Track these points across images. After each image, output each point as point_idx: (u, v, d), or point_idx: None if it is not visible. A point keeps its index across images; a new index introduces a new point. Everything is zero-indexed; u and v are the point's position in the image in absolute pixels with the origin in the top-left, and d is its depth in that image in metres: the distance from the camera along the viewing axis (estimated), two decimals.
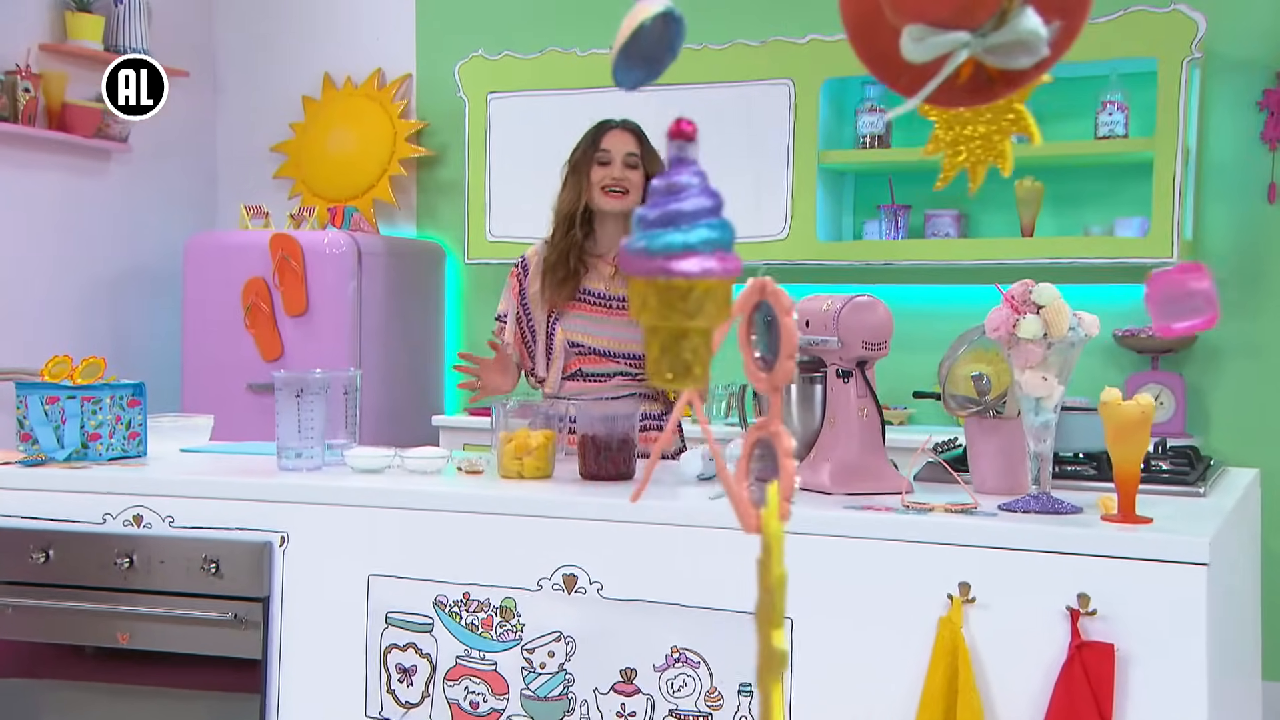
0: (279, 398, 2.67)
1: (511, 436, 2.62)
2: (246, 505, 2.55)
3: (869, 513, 2.18)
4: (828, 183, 4.57)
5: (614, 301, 3.12)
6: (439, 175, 5.35)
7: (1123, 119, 4.14)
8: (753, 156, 4.48)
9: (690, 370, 0.88)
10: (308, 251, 4.73)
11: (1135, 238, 4.12)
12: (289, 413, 2.66)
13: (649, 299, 0.87)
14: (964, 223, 4.52)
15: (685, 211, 0.87)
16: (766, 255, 4.49)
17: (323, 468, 2.70)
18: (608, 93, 4.58)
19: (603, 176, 3.06)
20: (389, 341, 4.94)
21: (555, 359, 3.10)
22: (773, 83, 4.47)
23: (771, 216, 4.47)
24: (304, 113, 5.50)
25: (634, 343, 3.10)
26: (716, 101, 4.51)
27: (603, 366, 3.10)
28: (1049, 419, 2.16)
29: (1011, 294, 2.18)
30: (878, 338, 2.45)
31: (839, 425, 2.47)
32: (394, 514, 2.48)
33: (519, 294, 3.17)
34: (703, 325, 0.87)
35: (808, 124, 4.43)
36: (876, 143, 4.44)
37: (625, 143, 3.09)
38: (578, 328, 3.10)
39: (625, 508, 2.34)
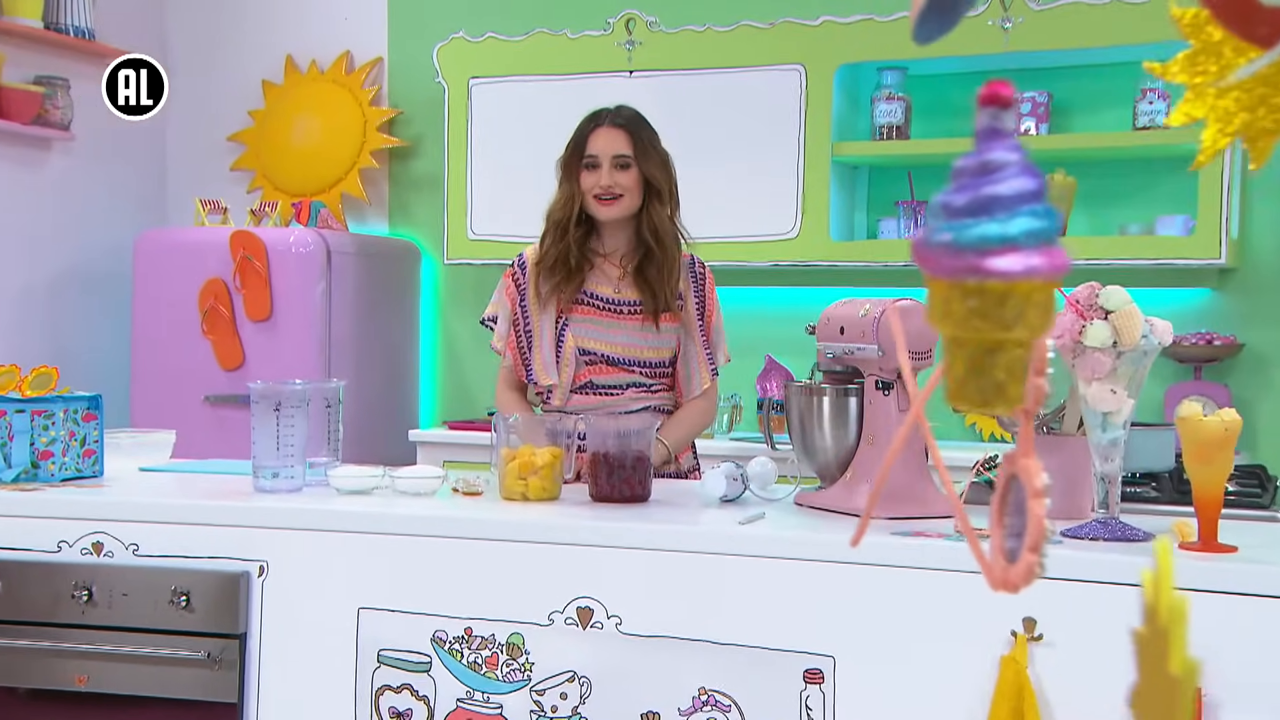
0: (255, 412, 2.60)
1: (515, 454, 2.56)
2: (220, 531, 2.49)
3: (920, 540, 2.12)
4: (841, 177, 4.53)
5: (623, 306, 3.05)
6: (414, 168, 5.29)
7: (1164, 108, 4.11)
8: (760, 149, 4.44)
9: (1005, 392, 0.77)
10: (272, 250, 4.66)
11: (1179, 237, 4.10)
12: (266, 428, 2.60)
13: (953, 305, 0.76)
14: None
15: (1003, 196, 0.75)
16: (776, 256, 4.45)
17: (303, 489, 2.64)
18: (601, 78, 4.56)
19: (591, 185, 3.00)
20: (361, 349, 4.88)
21: (564, 367, 3.03)
22: (782, 68, 4.43)
23: (781, 214, 4.43)
24: (264, 99, 5.44)
25: (649, 349, 3.04)
26: (721, 88, 4.48)
27: (615, 377, 3.04)
28: (1118, 436, 2.11)
29: (1075, 297, 2.13)
30: (922, 346, 2.41)
31: (879, 442, 2.42)
32: (386, 540, 2.42)
33: (516, 296, 3.10)
34: (1022, 336, 0.75)
35: (820, 113, 4.39)
36: (894, 134, 4.40)
37: (614, 142, 3.02)
38: (586, 333, 3.04)
39: (646, 533, 2.29)
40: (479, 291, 5.14)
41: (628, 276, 3.06)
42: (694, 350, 3.09)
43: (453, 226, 4.82)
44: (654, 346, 3.04)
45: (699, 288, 3.11)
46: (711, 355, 3.12)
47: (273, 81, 5.43)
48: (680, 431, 3.07)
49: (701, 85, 4.49)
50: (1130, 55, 4.19)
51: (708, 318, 3.11)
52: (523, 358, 3.10)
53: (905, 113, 4.41)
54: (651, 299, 3.02)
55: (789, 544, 2.20)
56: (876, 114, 4.43)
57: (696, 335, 3.09)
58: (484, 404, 5.01)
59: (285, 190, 5.34)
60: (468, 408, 5.13)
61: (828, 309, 2.60)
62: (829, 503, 2.46)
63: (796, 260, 4.42)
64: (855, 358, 2.47)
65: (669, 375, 3.10)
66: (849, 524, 2.31)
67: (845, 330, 2.49)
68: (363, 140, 5.26)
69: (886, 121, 4.41)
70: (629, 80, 4.56)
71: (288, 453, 2.60)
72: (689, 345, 3.09)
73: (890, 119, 4.40)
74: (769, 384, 4.79)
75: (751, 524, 2.30)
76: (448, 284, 5.24)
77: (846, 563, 2.14)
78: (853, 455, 2.49)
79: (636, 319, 3.04)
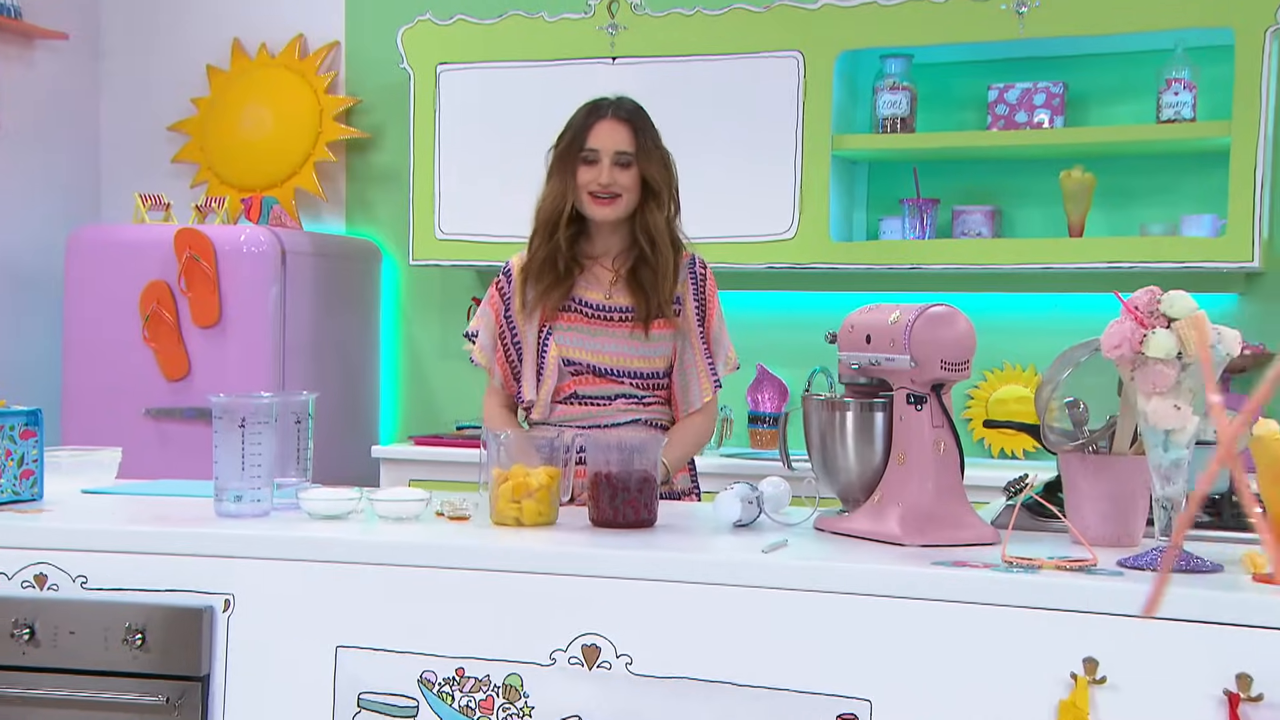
0: (218, 428, 2.51)
1: (507, 475, 2.48)
2: (179, 561, 2.40)
3: (964, 570, 2.05)
4: (841, 173, 4.47)
5: (614, 312, 2.98)
6: (373, 162, 5.22)
7: (1190, 99, 4.09)
8: (754, 143, 4.38)
9: None
10: (221, 250, 4.57)
11: (1207, 238, 4.07)
12: (230, 446, 2.51)
13: None
14: (998, 220, 4.44)
15: None
16: (771, 258, 4.38)
17: (271, 513, 2.55)
18: (581, 65, 4.49)
19: (589, 180, 2.93)
20: (318, 358, 4.80)
21: (546, 379, 2.96)
22: (778, 55, 4.38)
23: (777, 213, 4.38)
24: (209, 86, 5.38)
25: (638, 358, 2.97)
26: (711, 77, 4.42)
27: (602, 387, 2.96)
28: (1181, 456, 2.05)
29: (1135, 304, 2.06)
30: (959, 356, 2.35)
31: (911, 462, 2.35)
32: (366, 570, 2.33)
33: (500, 307, 3.02)
34: None
35: (819, 104, 4.34)
36: (899, 126, 4.35)
37: (617, 137, 2.95)
38: (571, 341, 2.96)
39: (657, 563, 2.21)
40: (446, 295, 5.06)
41: (620, 280, 2.98)
42: (692, 359, 3.02)
43: (418, 225, 4.74)
44: (644, 355, 2.97)
45: (699, 290, 3.04)
46: (712, 365, 3.04)
47: (218, 67, 5.36)
48: (678, 449, 3.00)
49: (690, 73, 4.42)
50: (1153, 43, 4.18)
51: (708, 323, 3.03)
52: (514, 372, 3.02)
53: (910, 104, 4.36)
54: (644, 304, 2.95)
55: (818, 575, 2.12)
56: (879, 105, 4.38)
57: (696, 343, 3.01)
58: (451, 417, 4.93)
59: (232, 185, 5.27)
60: (433, 421, 5.04)
61: (851, 315, 2.53)
62: (856, 528, 2.39)
63: (794, 263, 4.37)
64: (883, 369, 2.41)
65: (663, 387, 3.03)
66: (881, 551, 2.24)
67: (872, 339, 2.42)
68: (318, 131, 5.20)
69: (890, 113, 4.36)
70: (611, 67, 4.49)
71: (254, 473, 2.51)
72: (686, 354, 3.02)
73: (894, 110, 4.36)
74: (760, 396, 4.72)
75: (774, 552, 2.22)
76: (412, 287, 5.16)
77: (883, 596, 2.07)
78: (879, 476, 2.42)
79: (626, 326, 2.97)
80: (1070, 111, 4.30)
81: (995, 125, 4.31)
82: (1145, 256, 4.11)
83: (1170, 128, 4.10)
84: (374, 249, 5.15)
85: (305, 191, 5.22)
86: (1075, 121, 4.32)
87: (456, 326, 5.01)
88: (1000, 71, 4.39)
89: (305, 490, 2.57)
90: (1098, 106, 4.37)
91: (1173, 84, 4.09)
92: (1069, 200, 4.25)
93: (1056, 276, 4.31)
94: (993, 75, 4.39)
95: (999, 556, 2.12)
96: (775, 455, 4.59)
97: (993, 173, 4.49)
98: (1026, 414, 4.41)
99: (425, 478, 4.51)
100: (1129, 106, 4.30)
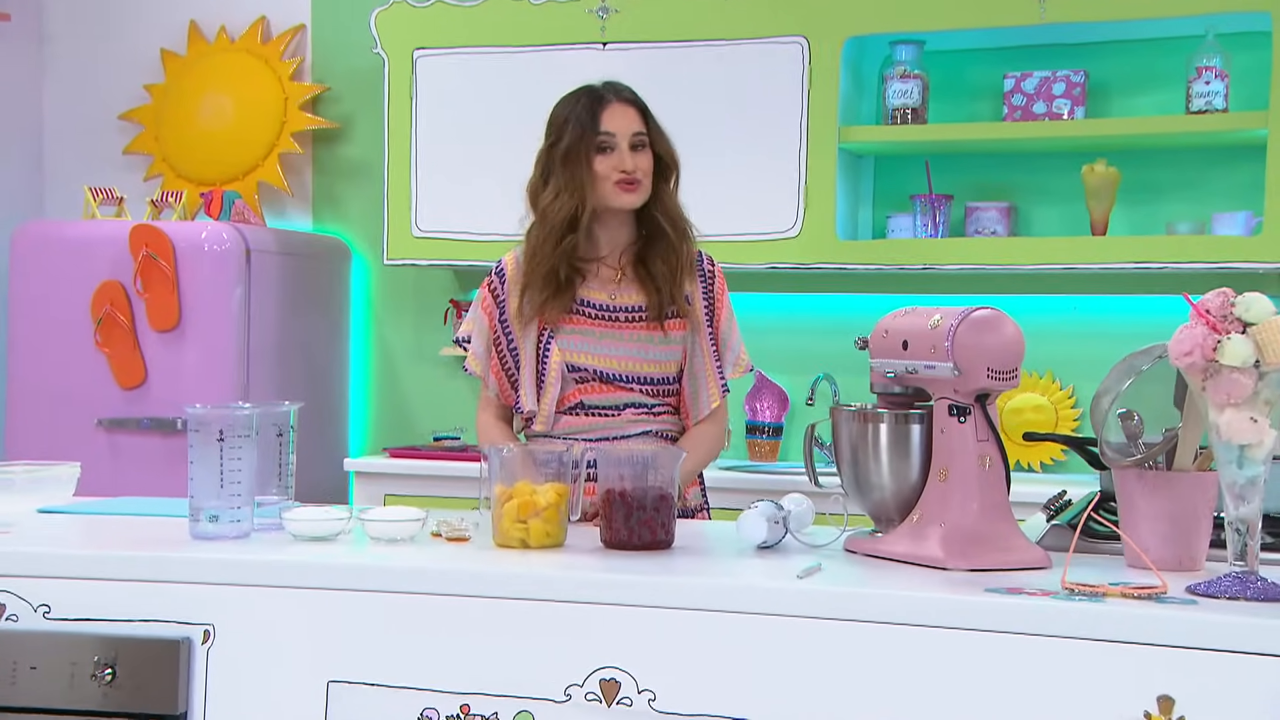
0: (194, 441, 2.44)
1: (511, 493, 2.40)
2: (153, 588, 2.32)
3: (1020, 598, 1.98)
4: (848, 168, 4.43)
5: (620, 313, 2.91)
6: (342, 153, 5.17)
7: (1222, 89, 4.05)
8: (756, 134, 4.33)
9: None
10: (181, 248, 4.50)
11: (1240, 237, 4.03)
12: (207, 461, 2.44)
13: None
14: (1014, 218, 4.39)
15: None
16: (774, 257, 4.33)
17: (252, 535, 2.48)
18: (569, 51, 4.44)
19: (610, 169, 2.86)
20: (284, 364, 4.73)
21: (549, 387, 2.87)
22: (781, 41, 4.32)
23: (780, 209, 4.32)
24: (163, 72, 5.31)
25: (649, 362, 2.90)
26: (710, 64, 4.37)
27: (610, 396, 2.88)
28: (1257, 473, 1.99)
29: (1206, 307, 2.00)
30: (1006, 364, 2.29)
31: (954, 478, 2.29)
32: (359, 598, 2.25)
33: (494, 311, 2.94)
34: None
35: (825, 93, 4.29)
36: (910, 117, 4.30)
37: (630, 119, 2.90)
38: (575, 345, 2.88)
39: (682, 589, 2.15)
40: (421, 297, 4.99)
41: (627, 274, 2.91)
42: (701, 363, 2.95)
43: (394, 222, 4.67)
44: (657, 360, 2.89)
45: (708, 288, 2.98)
46: (720, 368, 2.97)
47: (174, 51, 5.29)
48: (689, 462, 2.92)
49: (687, 60, 4.36)
50: (1182, 29, 4.15)
51: (716, 321, 2.97)
52: (510, 380, 2.93)
53: (922, 93, 4.31)
54: (655, 295, 2.89)
55: (859, 602, 2.05)
56: (889, 95, 4.33)
57: (705, 344, 2.95)
58: (427, 427, 4.87)
59: (189, 178, 5.22)
60: (407, 432, 4.97)
61: (884, 320, 2.47)
62: (893, 550, 2.32)
63: (798, 262, 4.31)
64: (922, 377, 2.34)
65: (674, 394, 2.95)
66: (924, 576, 2.17)
67: (910, 344, 2.36)
68: (282, 121, 5.14)
69: (901, 103, 4.31)
70: (602, 53, 4.44)
71: (233, 491, 2.43)
72: (696, 358, 2.95)
73: (905, 100, 4.31)
74: (759, 405, 4.66)
75: (810, 577, 2.14)
76: (384, 288, 5.10)
77: (933, 627, 2.00)
78: (916, 493, 2.36)
79: (638, 327, 2.90)
80: (1091, 102, 4.26)
81: (1011, 116, 4.26)
82: (1173, 257, 4.07)
83: (1201, 119, 4.06)
84: (343, 247, 5.08)
85: (269, 185, 5.15)
86: (1097, 113, 4.28)
87: (432, 330, 4.94)
88: (1017, 59, 4.36)
89: (288, 509, 2.49)
90: (1120, 96, 4.33)
91: (1204, 72, 4.05)
92: (1091, 196, 4.21)
93: (1077, 278, 4.27)
94: (1009, 63, 4.35)
95: (1058, 583, 2.05)
96: (776, 468, 4.58)
97: (1008, 167, 4.46)
98: (1044, 424, 4.37)
99: (401, 493, 4.44)
100: (1154, 96, 4.26)
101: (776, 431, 4.62)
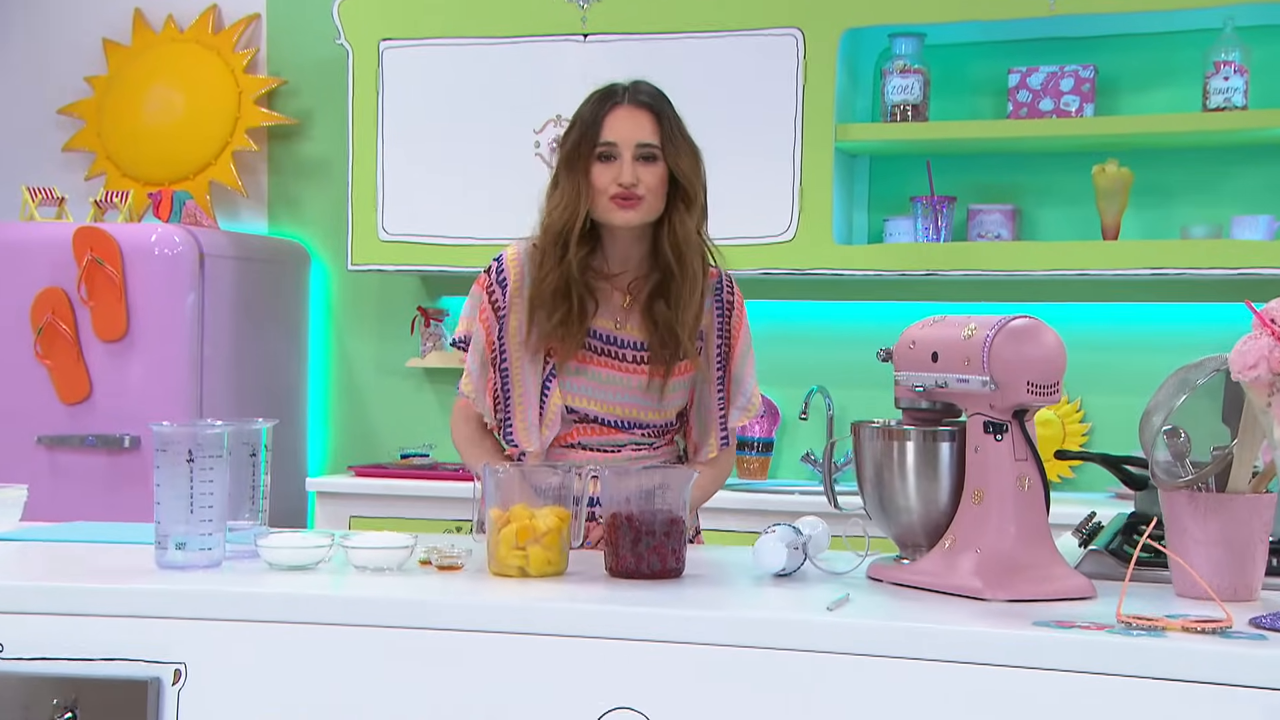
0: (161, 462, 2.36)
1: (509, 516, 2.32)
2: (118, 624, 2.24)
3: (1074, 633, 1.91)
4: (845, 168, 4.40)
5: (626, 349, 2.79)
6: (301, 151, 5.13)
7: (1242, 85, 4.04)
8: (748, 131, 4.30)
9: None
10: (129, 252, 4.45)
11: (1261, 241, 4.03)
12: (175, 484, 2.36)
13: None
14: (1018, 221, 4.36)
15: None
16: (768, 263, 4.27)
17: (224, 564, 2.40)
18: (547, 43, 4.43)
19: (608, 181, 2.72)
20: (239, 377, 4.68)
21: (545, 428, 2.76)
22: (774, 33, 4.29)
23: (774, 212, 4.29)
24: (106, 63, 5.27)
25: (653, 410, 2.80)
26: (699, 57, 4.33)
27: (608, 438, 2.80)
28: None
29: (1271, 315, 1.94)
30: (1048, 378, 2.23)
31: (990, 500, 2.23)
32: (344, 634, 2.19)
33: (492, 322, 2.81)
34: None
35: (821, 88, 4.26)
36: (911, 114, 4.26)
37: (637, 126, 2.75)
38: (577, 388, 2.77)
39: (700, 623, 2.07)
40: (386, 305, 4.94)
41: (635, 307, 2.80)
42: (708, 404, 2.85)
43: (359, 225, 4.62)
44: (659, 409, 2.79)
45: (724, 319, 2.86)
46: (724, 416, 2.86)
47: (118, 41, 5.26)
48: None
49: (673, 53, 4.32)
50: (1197, 21, 4.14)
51: (731, 359, 2.86)
52: (497, 407, 2.82)
53: (923, 89, 4.27)
54: (661, 346, 2.75)
55: (898, 637, 1.98)
56: (888, 90, 4.30)
57: (712, 388, 2.84)
58: (393, 444, 4.81)
59: (135, 177, 5.19)
60: (372, 449, 4.92)
61: (910, 330, 2.40)
62: (924, 579, 2.26)
63: (793, 268, 4.27)
64: (954, 391, 2.28)
65: (678, 430, 2.88)
66: (962, 608, 2.11)
67: (941, 356, 2.29)
68: (236, 116, 5.11)
69: (901, 99, 4.28)
70: (583, 45, 4.40)
71: (204, 516, 2.35)
72: (705, 394, 2.84)
73: (905, 96, 4.28)
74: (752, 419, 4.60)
75: (839, 609, 2.07)
76: (347, 295, 5.06)
77: (980, 664, 1.93)
78: (946, 516, 2.30)
79: (640, 371, 2.77)
80: (1101, 98, 4.24)
81: (1016, 114, 4.24)
82: (1186, 263, 4.07)
83: (1219, 117, 4.05)
84: (302, 252, 5.02)
85: (221, 185, 5.10)
86: (1106, 110, 4.27)
87: (398, 340, 4.88)
88: (1022, 53, 4.34)
89: (263, 536, 2.42)
90: (1131, 93, 4.32)
91: (1222, 67, 4.05)
92: (1103, 198, 4.18)
93: (1087, 284, 4.25)
94: (1013, 57, 4.33)
95: (1110, 615, 1.98)
96: (766, 486, 4.52)
97: (1012, 168, 4.44)
98: (1051, 439, 4.32)
99: (367, 514, 4.38)
100: (1168, 93, 4.25)
101: (767, 447, 4.56)
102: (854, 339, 4.54)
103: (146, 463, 4.31)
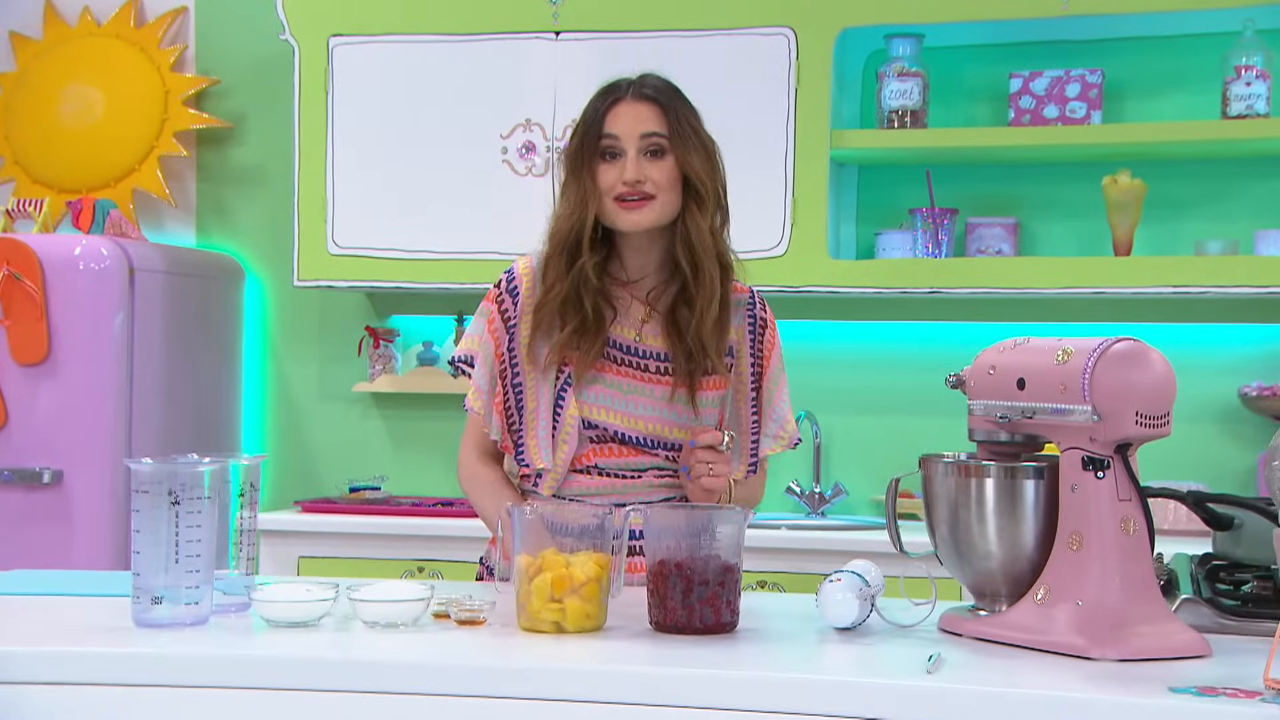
0: (140, 505, 2.17)
1: (540, 563, 2.13)
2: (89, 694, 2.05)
3: (1222, 701, 1.76)
4: (840, 178, 4.29)
5: (649, 359, 2.63)
6: (233, 156, 4.95)
7: (1264, 91, 3.97)
8: (737, 137, 3.96)
9: None
10: (51, 266, 4.23)
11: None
12: (156, 530, 2.17)
13: None
14: (1020, 235, 4.25)
15: None
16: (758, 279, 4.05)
17: (211, 620, 2.20)
18: (516, 40, 4.34)
19: (611, 181, 2.57)
20: (172, 404, 4.48)
21: (561, 444, 2.57)
22: (766, 32, 4.17)
23: (765, 225, 4.15)
24: (14, 59, 5.10)
25: (679, 427, 2.62)
26: (683, 58, 4.15)
27: (630, 459, 2.61)
28: None
29: None
30: (1158, 408, 2.08)
31: (1090, 546, 2.07)
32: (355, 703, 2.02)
33: (502, 334, 2.64)
34: None
35: (815, 93, 4.13)
36: (910, 120, 4.14)
37: (641, 118, 2.61)
38: (597, 399, 2.60)
39: (765, 685, 1.90)
40: (327, 325, 4.77)
41: (655, 317, 2.63)
42: (743, 424, 2.69)
43: (306, 237, 4.42)
44: (686, 425, 2.61)
45: (756, 339, 2.71)
46: (756, 442, 2.70)
47: (27, 35, 5.09)
48: None
49: (654, 53, 4.10)
50: (1215, 24, 4.07)
51: (761, 384, 2.70)
52: (510, 425, 2.63)
53: (922, 93, 4.15)
54: (686, 358, 2.60)
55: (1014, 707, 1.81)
56: (885, 95, 4.18)
57: (746, 410, 2.68)
58: (339, 476, 4.64)
59: (48, 184, 5.01)
60: (315, 483, 4.73)
61: (985, 353, 2.25)
62: (1013, 634, 2.10)
63: (785, 285, 4.12)
64: (1045, 423, 2.12)
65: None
66: (1070, 669, 1.95)
67: (1029, 383, 2.13)
68: (163, 118, 4.92)
69: (899, 105, 4.17)
70: (555, 44, 4.26)
71: (190, 566, 2.16)
72: (736, 414, 2.68)
73: (903, 101, 4.16)
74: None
75: (937, 669, 1.90)
76: (286, 314, 4.87)
77: None
78: (1031, 563, 2.15)
79: (666, 381, 2.61)
80: (1109, 105, 4.16)
81: (1018, 121, 4.15)
82: (1202, 280, 4.00)
83: (1240, 125, 3.98)
84: (236, 266, 4.80)
85: (145, 193, 4.90)
86: (1115, 117, 4.18)
87: (343, 362, 4.69)
88: (1025, 56, 4.25)
89: (256, 589, 2.23)
90: (1141, 99, 4.25)
91: (1243, 72, 3.98)
92: (1114, 211, 4.08)
93: (1097, 303, 4.16)
94: (1015, 61, 4.24)
95: (1251, 679, 1.82)
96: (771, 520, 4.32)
97: (1013, 179, 4.36)
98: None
99: (316, 554, 4.18)
100: (1183, 99, 4.18)
101: None
102: (842, 361, 4.42)
103: (69, 499, 4.10)
